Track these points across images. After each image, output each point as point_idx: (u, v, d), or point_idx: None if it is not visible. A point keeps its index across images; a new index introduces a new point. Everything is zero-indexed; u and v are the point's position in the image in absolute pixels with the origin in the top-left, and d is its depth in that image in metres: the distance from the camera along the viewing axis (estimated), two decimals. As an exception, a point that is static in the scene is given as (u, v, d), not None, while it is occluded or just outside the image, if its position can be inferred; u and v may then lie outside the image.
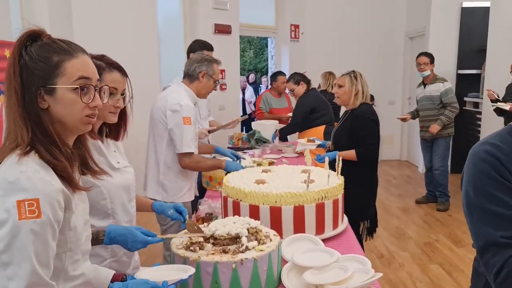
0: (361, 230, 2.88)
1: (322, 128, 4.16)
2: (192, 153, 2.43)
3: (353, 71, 2.88)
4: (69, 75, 1.03)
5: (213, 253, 1.43)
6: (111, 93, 1.44)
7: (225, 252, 1.43)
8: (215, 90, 2.67)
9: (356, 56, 7.11)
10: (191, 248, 1.47)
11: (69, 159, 1.06)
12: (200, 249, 1.46)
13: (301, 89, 4.32)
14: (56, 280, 1.06)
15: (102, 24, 4.32)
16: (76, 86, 1.04)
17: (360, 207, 2.79)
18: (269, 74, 7.77)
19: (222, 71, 6.09)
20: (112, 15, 4.43)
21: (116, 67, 1.52)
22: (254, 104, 7.70)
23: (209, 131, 3.32)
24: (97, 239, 1.39)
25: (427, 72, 4.86)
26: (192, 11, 5.71)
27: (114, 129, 1.58)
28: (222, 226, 1.53)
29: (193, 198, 2.63)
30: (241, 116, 3.98)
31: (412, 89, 7.44)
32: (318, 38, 7.29)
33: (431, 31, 6.45)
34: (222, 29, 5.88)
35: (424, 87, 4.93)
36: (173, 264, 1.46)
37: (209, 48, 3.49)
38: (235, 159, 2.77)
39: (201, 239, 1.51)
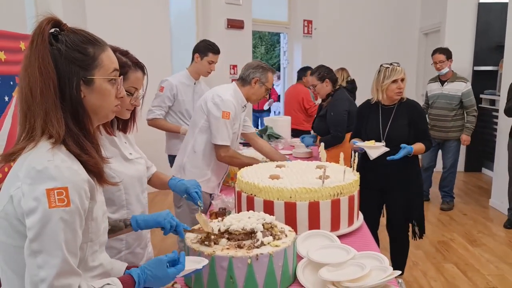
0: (413, 230, 2.91)
1: (348, 135, 3.44)
2: (228, 146, 2.50)
3: (396, 63, 2.77)
4: (106, 67, 1.07)
5: (228, 248, 1.41)
6: (131, 93, 1.47)
7: (240, 247, 1.41)
8: (266, 98, 2.72)
9: (369, 52, 7.03)
10: (205, 242, 1.45)
11: (98, 152, 1.07)
12: (215, 243, 1.44)
13: (324, 87, 3.60)
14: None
15: (115, 18, 4.32)
16: (112, 78, 1.08)
17: (420, 203, 2.90)
18: (281, 70, 7.75)
19: (234, 66, 6.07)
20: (125, 10, 4.44)
21: (140, 66, 1.53)
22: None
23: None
24: (124, 223, 1.43)
25: (445, 70, 4.66)
26: (204, 6, 5.69)
27: (123, 122, 1.60)
28: (237, 221, 1.50)
29: (211, 191, 2.61)
30: None
31: (426, 86, 7.35)
32: (331, 34, 7.22)
33: (447, 27, 6.35)
34: (235, 24, 5.85)
35: (442, 84, 4.73)
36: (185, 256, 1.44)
37: (215, 51, 3.41)
38: None
39: (216, 233, 1.49)
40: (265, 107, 8.22)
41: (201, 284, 1.42)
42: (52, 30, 1.02)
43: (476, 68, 6.31)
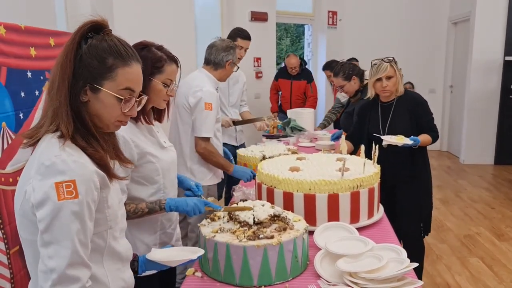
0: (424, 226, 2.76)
1: None
2: (210, 138, 2.44)
3: (390, 58, 2.62)
4: (118, 82, 1.07)
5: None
6: (167, 84, 1.61)
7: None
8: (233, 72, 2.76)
9: (396, 43, 6.90)
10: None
11: (105, 150, 1.11)
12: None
13: (352, 85, 3.48)
14: (101, 257, 1.10)
15: (141, 12, 4.40)
16: (120, 97, 1.08)
17: (429, 198, 2.75)
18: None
19: (258, 59, 6.07)
20: (150, 3, 4.51)
21: (174, 59, 1.66)
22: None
23: (234, 122, 3.30)
24: (159, 206, 1.58)
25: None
26: (228, -1, 5.71)
27: (158, 112, 1.73)
28: (250, 213, 1.58)
29: (219, 180, 2.66)
30: (267, 117, 3.62)
31: (454, 77, 7.17)
32: (356, 25, 7.11)
33: (477, 16, 6.16)
34: (259, 17, 5.85)
35: None
36: (183, 246, 1.58)
37: (244, 36, 3.47)
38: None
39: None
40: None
41: (218, 271, 1.47)
42: (89, 32, 1.06)
43: (508, 58, 6.12)
